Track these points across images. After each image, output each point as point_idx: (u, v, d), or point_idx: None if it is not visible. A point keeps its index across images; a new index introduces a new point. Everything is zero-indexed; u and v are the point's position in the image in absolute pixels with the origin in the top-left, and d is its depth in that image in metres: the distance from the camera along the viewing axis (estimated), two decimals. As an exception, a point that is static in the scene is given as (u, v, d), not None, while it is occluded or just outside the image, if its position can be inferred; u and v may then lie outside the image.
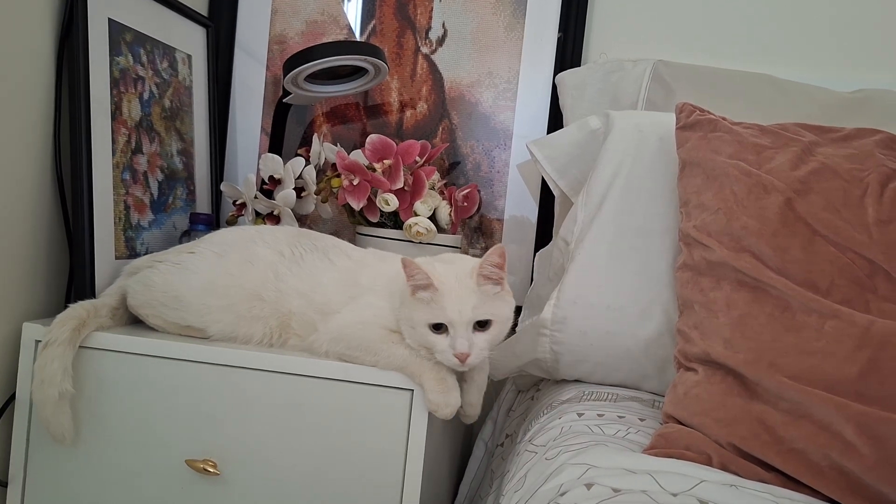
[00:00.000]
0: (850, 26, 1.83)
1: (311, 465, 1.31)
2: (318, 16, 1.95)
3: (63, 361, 1.27)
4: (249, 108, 1.97)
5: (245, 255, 1.38)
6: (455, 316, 1.20)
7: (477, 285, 1.22)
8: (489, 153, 1.91)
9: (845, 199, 1.18)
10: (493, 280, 1.24)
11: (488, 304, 1.23)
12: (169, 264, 1.38)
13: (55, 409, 1.26)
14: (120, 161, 1.51)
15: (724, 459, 1.00)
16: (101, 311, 1.36)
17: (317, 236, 1.44)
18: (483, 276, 1.23)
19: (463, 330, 1.21)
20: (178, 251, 1.42)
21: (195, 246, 1.42)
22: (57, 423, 1.26)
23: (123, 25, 1.54)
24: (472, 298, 1.21)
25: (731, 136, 1.28)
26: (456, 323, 1.21)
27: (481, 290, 1.22)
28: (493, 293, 1.24)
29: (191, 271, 1.37)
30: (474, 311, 1.21)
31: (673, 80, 1.72)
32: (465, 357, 1.20)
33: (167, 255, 1.41)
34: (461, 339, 1.21)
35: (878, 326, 1.05)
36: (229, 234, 1.45)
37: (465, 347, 1.20)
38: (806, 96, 1.69)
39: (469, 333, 1.21)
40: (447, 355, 1.22)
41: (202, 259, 1.38)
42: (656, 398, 1.34)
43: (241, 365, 1.32)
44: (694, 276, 1.19)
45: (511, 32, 1.89)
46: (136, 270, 1.41)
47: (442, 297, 1.21)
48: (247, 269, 1.37)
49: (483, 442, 1.78)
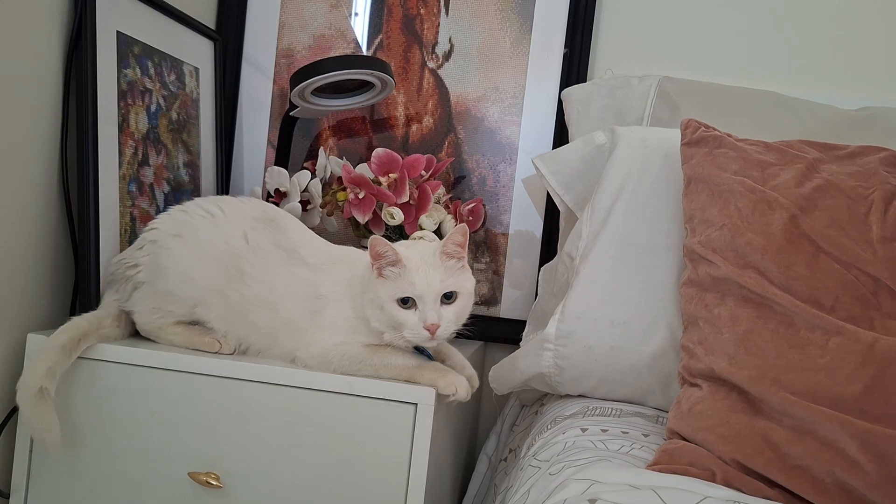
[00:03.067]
0: (855, 44, 1.84)
1: (313, 479, 1.31)
2: (326, 30, 1.96)
3: (49, 364, 1.25)
4: (256, 121, 1.97)
5: (206, 239, 1.38)
6: (424, 288, 1.25)
7: (441, 261, 1.27)
8: (495, 168, 1.91)
9: (850, 216, 1.18)
10: (455, 257, 1.28)
11: (453, 278, 1.28)
12: (143, 267, 1.38)
13: (35, 410, 1.23)
14: (126, 173, 1.51)
15: (728, 476, 0.99)
16: (105, 322, 1.36)
17: (281, 225, 1.42)
18: (446, 254, 1.27)
19: (432, 302, 1.25)
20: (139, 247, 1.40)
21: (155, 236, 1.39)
22: (38, 426, 1.24)
23: (132, 38, 1.55)
24: (438, 272, 1.26)
25: (736, 153, 1.29)
26: (425, 295, 1.25)
27: (445, 265, 1.27)
28: (456, 268, 1.29)
29: (166, 266, 1.36)
30: (442, 284, 1.26)
31: (678, 97, 1.72)
32: (435, 328, 1.25)
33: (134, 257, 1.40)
34: (430, 311, 1.25)
35: (882, 344, 1.04)
36: (185, 214, 1.42)
37: (435, 318, 1.24)
38: (811, 114, 1.69)
39: (437, 306, 1.26)
40: (417, 329, 1.25)
41: (167, 249, 1.37)
42: (660, 414, 1.34)
43: (244, 377, 1.32)
44: (698, 292, 1.19)
45: (517, 48, 1.90)
46: (113, 279, 1.41)
47: (409, 272, 1.25)
48: (209, 254, 1.37)
49: (486, 456, 1.78)
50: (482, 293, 1.91)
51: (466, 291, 1.30)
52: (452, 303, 1.28)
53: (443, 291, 1.26)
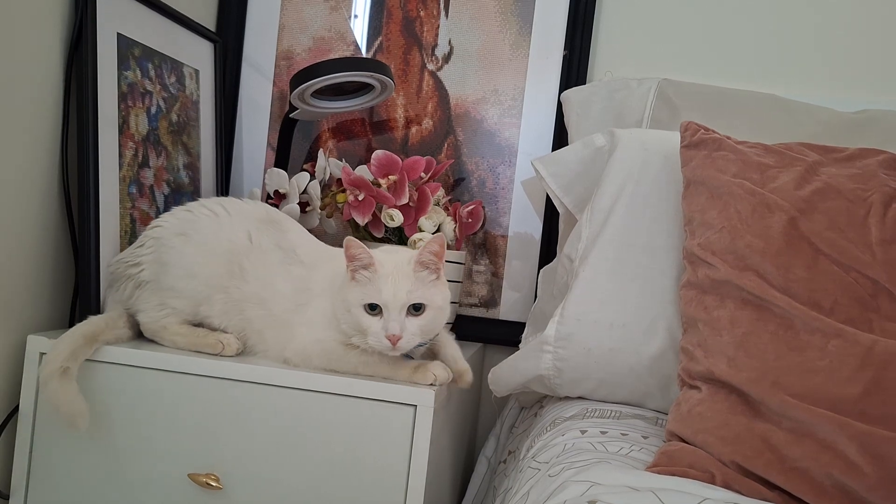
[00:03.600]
0: (853, 47, 1.84)
1: (313, 480, 1.31)
2: (326, 32, 1.96)
3: (72, 348, 1.27)
4: (256, 123, 1.97)
5: (210, 238, 1.39)
6: (389, 297, 1.24)
7: (413, 271, 1.26)
8: (494, 170, 1.91)
9: (849, 218, 1.18)
10: (429, 268, 1.28)
11: (423, 290, 1.26)
12: (146, 265, 1.38)
13: (59, 386, 1.24)
14: (127, 174, 1.52)
15: (728, 478, 1.00)
16: (118, 322, 1.38)
17: (283, 227, 1.44)
18: (420, 263, 1.27)
19: (396, 313, 1.24)
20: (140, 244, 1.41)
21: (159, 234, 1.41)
22: (63, 401, 1.24)
23: (132, 40, 1.55)
24: (407, 283, 1.25)
25: (735, 155, 1.29)
26: (390, 305, 1.24)
27: (417, 276, 1.27)
28: (428, 280, 1.28)
29: (169, 262, 1.37)
30: (409, 295, 1.25)
31: (678, 99, 1.73)
32: (396, 340, 1.24)
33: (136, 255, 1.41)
34: (394, 321, 1.24)
35: (881, 346, 1.05)
36: (189, 214, 1.44)
37: (397, 330, 1.24)
38: (810, 116, 1.69)
39: (402, 317, 1.25)
40: (379, 337, 1.25)
41: (171, 247, 1.38)
42: (660, 416, 1.34)
43: (243, 379, 1.32)
44: (698, 295, 1.20)
45: (517, 50, 1.90)
46: (114, 279, 1.42)
47: (379, 278, 1.25)
48: (214, 251, 1.38)
49: (485, 458, 1.78)
50: (481, 295, 1.91)
51: (436, 305, 1.28)
52: (420, 315, 1.26)
53: (409, 303, 1.25)
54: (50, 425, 1.34)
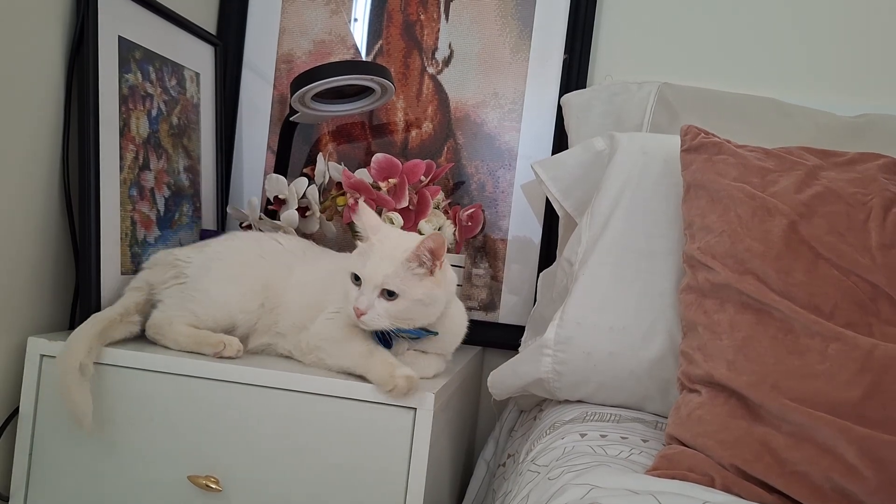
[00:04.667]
0: (854, 51, 1.84)
1: (313, 483, 1.31)
2: (326, 35, 1.96)
3: (89, 344, 1.29)
4: (256, 127, 1.98)
5: (259, 249, 1.48)
6: (368, 274, 1.27)
7: (406, 259, 1.27)
8: (494, 173, 1.91)
9: (849, 222, 1.19)
10: (422, 263, 1.28)
11: (402, 280, 1.27)
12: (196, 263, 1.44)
13: (75, 385, 1.26)
14: (127, 177, 1.52)
15: (727, 481, 1.00)
16: (133, 316, 1.40)
17: (327, 249, 1.57)
18: (416, 256, 1.27)
19: (369, 290, 1.27)
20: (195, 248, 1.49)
21: (215, 244, 1.49)
22: (76, 400, 1.26)
23: (133, 43, 1.55)
24: (390, 266, 1.27)
25: (735, 159, 1.29)
26: (365, 281, 1.27)
27: (406, 265, 1.27)
28: (415, 272, 1.28)
29: (213, 270, 1.43)
30: (384, 278, 1.26)
31: (678, 103, 1.73)
32: (359, 314, 1.26)
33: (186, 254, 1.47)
34: (364, 297, 1.27)
35: (880, 350, 1.05)
36: (247, 234, 1.57)
37: (363, 305, 1.26)
38: (810, 120, 1.69)
39: (373, 296, 1.27)
40: (349, 304, 1.28)
41: (220, 260, 1.45)
42: (659, 419, 1.34)
43: (243, 381, 1.32)
44: (698, 298, 1.20)
45: (517, 54, 1.91)
46: (158, 262, 1.46)
47: (371, 253, 1.28)
48: (260, 260, 1.46)
49: (485, 461, 1.78)
50: (480, 298, 1.91)
51: (413, 297, 1.27)
52: (392, 300, 1.27)
53: (382, 286, 1.26)
54: (50, 427, 1.34)
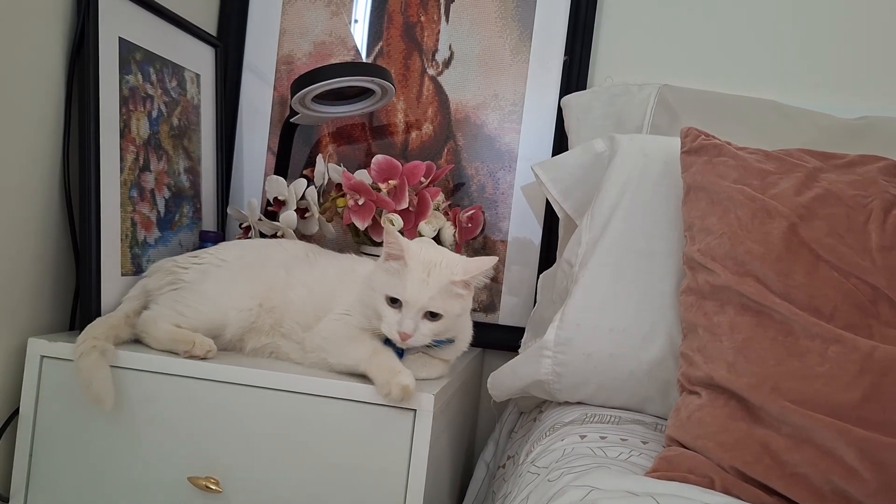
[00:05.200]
0: (854, 53, 1.84)
1: (312, 484, 1.31)
2: (326, 37, 1.96)
3: (105, 331, 1.32)
4: (256, 128, 1.98)
5: (261, 254, 1.48)
6: (411, 298, 1.25)
7: (450, 280, 1.27)
8: (494, 175, 1.92)
9: (849, 225, 1.19)
10: (469, 287, 1.29)
11: (446, 300, 1.27)
12: (193, 271, 1.44)
13: (93, 364, 1.27)
14: (128, 178, 1.52)
15: (727, 483, 1.00)
16: (130, 314, 1.41)
17: (331, 251, 1.55)
18: (464, 282, 1.28)
19: (413, 313, 1.26)
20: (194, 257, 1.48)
21: (214, 250, 1.49)
22: (98, 379, 1.26)
23: (133, 44, 1.55)
24: (433, 289, 1.26)
25: (735, 161, 1.29)
26: (410, 304, 1.26)
27: (449, 288, 1.27)
28: (457, 292, 1.28)
29: (211, 272, 1.43)
30: (430, 301, 1.26)
31: (678, 105, 1.73)
32: (406, 337, 1.26)
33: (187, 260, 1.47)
34: (409, 319, 1.26)
35: (880, 352, 1.05)
36: (249, 240, 1.57)
37: (410, 329, 1.26)
38: (810, 122, 1.70)
39: (418, 318, 1.27)
40: (392, 329, 1.27)
41: (219, 267, 1.45)
42: (659, 421, 1.34)
43: (243, 382, 1.32)
44: (698, 300, 1.20)
45: (517, 55, 1.91)
46: (157, 269, 1.46)
47: (407, 273, 1.26)
48: (261, 264, 1.45)
49: (484, 463, 1.78)
50: (480, 300, 1.91)
51: (453, 314, 1.29)
52: (435, 321, 1.28)
53: (428, 309, 1.26)
54: (50, 428, 1.34)
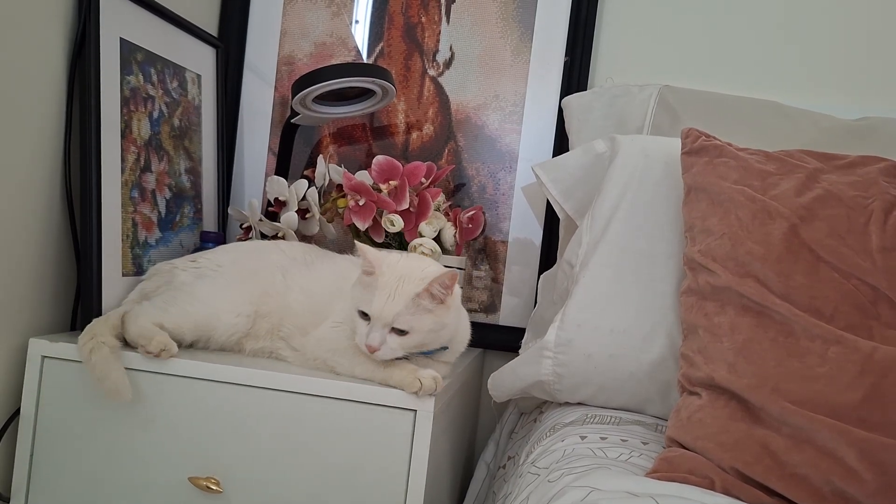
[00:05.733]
0: (855, 55, 1.84)
1: (313, 485, 1.31)
2: (327, 38, 1.96)
3: (108, 329, 1.32)
4: (257, 129, 1.98)
5: (257, 258, 1.47)
6: (376, 312, 1.25)
7: (414, 295, 1.25)
8: (494, 175, 1.92)
9: (849, 226, 1.19)
10: (433, 298, 1.27)
11: (412, 317, 1.26)
12: (188, 273, 1.45)
13: (103, 360, 1.27)
14: (129, 179, 1.52)
15: (727, 484, 1.00)
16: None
17: (330, 252, 1.54)
18: (428, 292, 1.26)
19: (379, 326, 1.26)
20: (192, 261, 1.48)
21: (211, 254, 1.49)
22: (111, 372, 1.27)
23: (135, 45, 1.55)
24: (399, 304, 1.25)
25: (736, 162, 1.29)
26: (375, 318, 1.26)
27: (415, 301, 1.26)
28: (425, 307, 1.27)
29: (207, 275, 1.43)
30: (395, 318, 1.25)
31: (679, 106, 1.73)
32: (373, 350, 1.26)
33: (184, 263, 1.48)
34: (375, 333, 1.26)
35: (880, 353, 1.05)
36: (246, 244, 1.56)
37: (376, 342, 1.26)
38: (811, 123, 1.69)
39: (384, 332, 1.26)
40: (360, 340, 1.28)
41: (215, 271, 1.45)
42: (660, 422, 1.34)
43: (244, 383, 1.32)
44: (698, 301, 1.20)
45: (518, 56, 1.91)
46: (156, 272, 1.47)
47: (377, 288, 1.26)
48: (258, 269, 1.45)
49: (485, 463, 1.78)
50: (481, 300, 1.91)
51: (422, 331, 1.27)
52: (403, 336, 1.26)
53: (392, 325, 1.25)
54: (51, 428, 1.34)
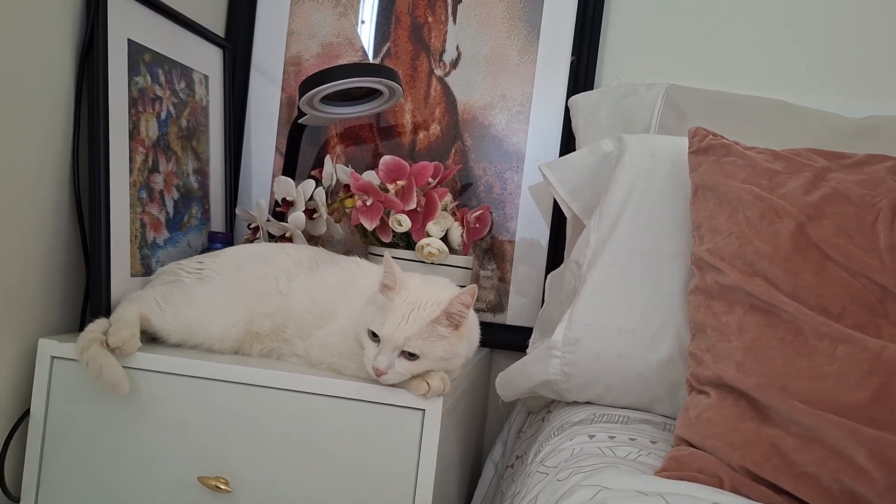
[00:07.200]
0: (862, 53, 1.84)
1: (321, 484, 1.31)
2: (334, 38, 1.97)
3: (105, 328, 1.33)
4: (264, 129, 1.98)
5: (262, 261, 1.46)
6: (388, 334, 1.22)
7: (430, 320, 1.23)
8: (501, 175, 1.92)
9: (857, 224, 1.19)
10: (451, 322, 1.24)
11: (425, 342, 1.23)
12: (193, 274, 1.45)
13: (100, 352, 1.28)
14: (137, 179, 1.52)
15: (736, 482, 1.00)
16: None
17: (337, 255, 1.51)
18: (447, 314, 1.23)
19: (389, 350, 1.23)
20: (198, 262, 1.49)
21: (217, 258, 1.49)
22: (107, 365, 1.27)
23: (142, 46, 1.56)
24: (412, 329, 1.22)
25: (743, 161, 1.29)
26: (385, 340, 1.23)
27: (430, 326, 1.23)
28: (439, 333, 1.24)
29: (208, 280, 1.43)
30: (406, 342, 1.22)
31: (685, 105, 1.73)
32: (381, 373, 1.23)
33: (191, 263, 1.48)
34: (384, 356, 1.23)
35: (889, 352, 1.05)
36: (253, 247, 1.55)
37: (384, 366, 1.23)
38: (818, 122, 1.69)
39: (393, 356, 1.23)
40: (368, 361, 1.25)
41: (220, 275, 1.45)
42: (668, 421, 1.34)
43: (252, 382, 1.32)
44: (706, 300, 1.20)
45: (525, 56, 1.91)
46: (163, 272, 1.48)
47: (391, 309, 1.23)
48: (261, 272, 1.44)
49: (493, 463, 1.78)
50: (488, 300, 1.91)
51: (433, 357, 1.25)
52: (412, 360, 1.24)
53: (403, 349, 1.23)
54: (61, 428, 1.35)
